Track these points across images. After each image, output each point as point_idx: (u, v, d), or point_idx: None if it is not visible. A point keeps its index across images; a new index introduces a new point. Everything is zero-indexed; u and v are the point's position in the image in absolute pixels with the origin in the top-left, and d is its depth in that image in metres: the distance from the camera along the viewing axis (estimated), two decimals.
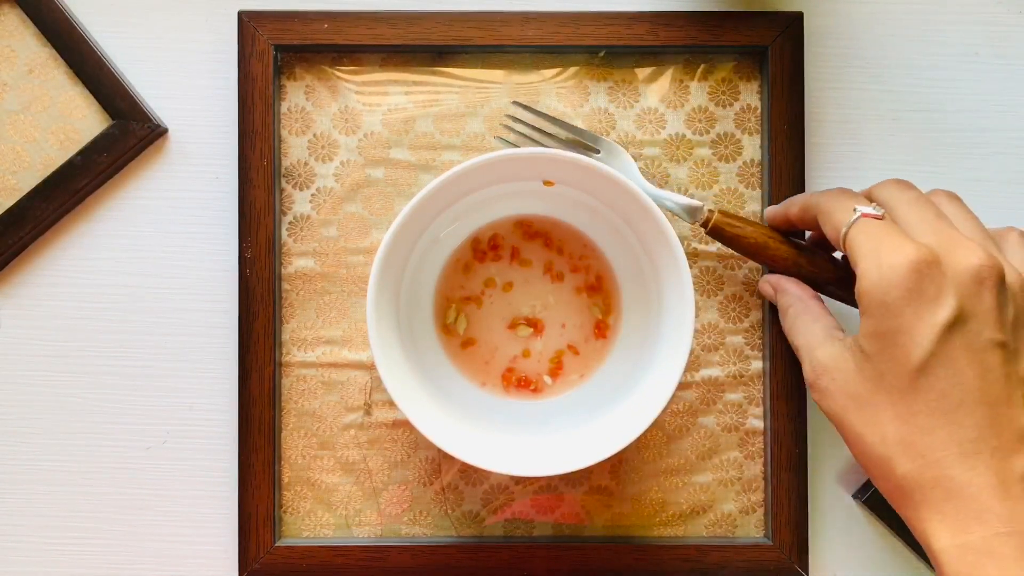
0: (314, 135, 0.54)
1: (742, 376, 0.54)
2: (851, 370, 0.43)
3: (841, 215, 0.45)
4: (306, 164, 0.54)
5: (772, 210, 0.51)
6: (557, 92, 0.54)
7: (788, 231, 0.50)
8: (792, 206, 0.49)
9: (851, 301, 0.50)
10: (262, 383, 0.52)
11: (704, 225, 0.51)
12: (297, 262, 0.54)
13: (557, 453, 0.48)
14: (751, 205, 0.54)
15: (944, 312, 0.40)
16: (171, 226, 0.54)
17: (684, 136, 0.54)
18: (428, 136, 0.54)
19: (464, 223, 0.52)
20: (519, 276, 0.53)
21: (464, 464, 0.48)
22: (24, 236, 0.53)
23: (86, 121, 0.54)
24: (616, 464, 0.54)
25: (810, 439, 0.54)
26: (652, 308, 0.50)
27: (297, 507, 0.54)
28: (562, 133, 0.53)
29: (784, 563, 0.53)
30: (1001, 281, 0.41)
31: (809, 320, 0.48)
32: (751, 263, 0.54)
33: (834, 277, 0.50)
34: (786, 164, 0.53)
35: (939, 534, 0.40)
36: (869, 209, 0.44)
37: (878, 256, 0.41)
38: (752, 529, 0.54)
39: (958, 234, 0.42)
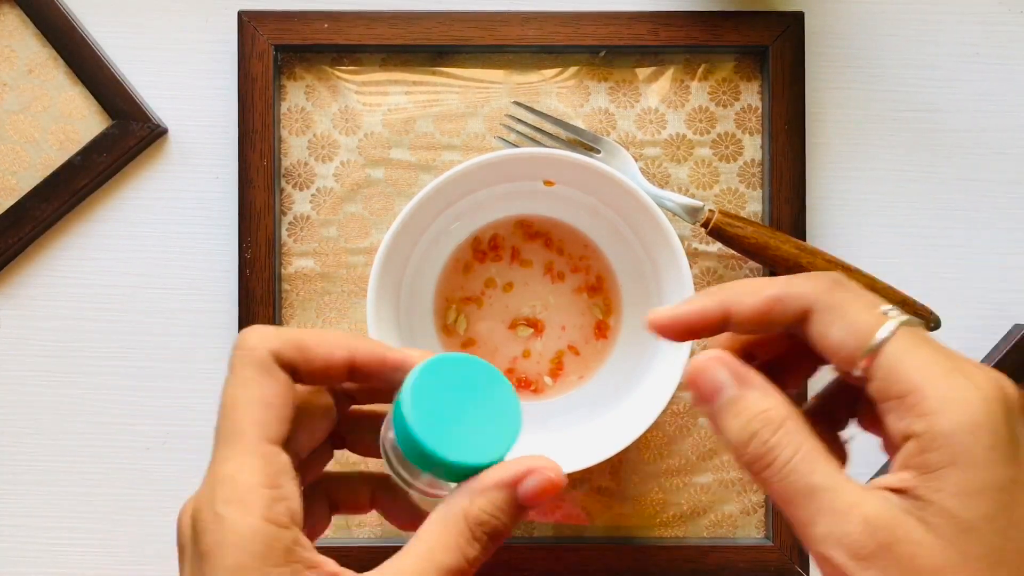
0: (314, 135, 0.54)
1: None
2: (935, 548, 0.28)
3: (864, 316, 0.31)
4: (306, 164, 0.54)
5: (674, 312, 0.34)
6: (557, 92, 0.54)
7: (697, 335, 0.34)
8: (733, 300, 0.32)
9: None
10: None
11: (705, 225, 0.51)
12: (297, 262, 0.54)
13: (557, 454, 0.48)
14: (752, 205, 0.54)
15: None
16: (171, 226, 0.54)
17: (685, 136, 0.54)
18: (428, 136, 0.54)
19: (464, 223, 0.52)
20: (519, 276, 0.53)
21: None
22: (24, 236, 0.53)
23: (86, 121, 0.54)
24: (616, 465, 0.54)
25: None
26: (653, 308, 0.50)
27: None
28: (562, 133, 0.53)
29: (785, 564, 0.52)
30: None
31: (810, 450, 0.30)
32: (752, 263, 0.54)
33: None
34: (787, 164, 0.53)
35: None
36: (897, 312, 0.31)
37: (960, 383, 0.29)
38: (753, 530, 0.54)
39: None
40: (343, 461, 0.54)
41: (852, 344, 0.30)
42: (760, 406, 0.31)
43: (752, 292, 0.32)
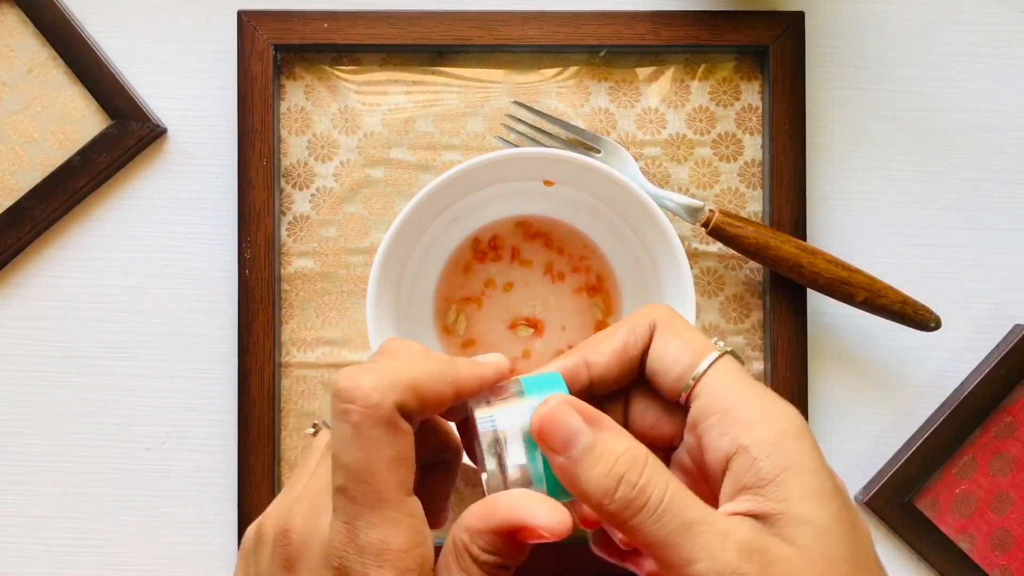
0: (314, 135, 0.54)
1: None
2: (803, 562, 0.28)
3: (698, 338, 0.33)
4: (306, 164, 0.54)
5: (570, 365, 0.34)
6: (557, 92, 0.54)
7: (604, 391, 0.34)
8: (591, 350, 0.34)
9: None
10: (262, 384, 0.52)
11: (705, 225, 0.51)
12: (297, 262, 0.54)
13: None
14: (752, 205, 0.54)
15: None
16: (170, 226, 0.54)
17: (685, 136, 0.54)
18: (428, 136, 0.54)
19: (464, 223, 0.52)
20: (519, 276, 0.53)
21: (464, 465, 0.48)
22: (23, 236, 0.53)
23: (85, 121, 0.54)
24: None
25: None
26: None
27: None
28: (563, 133, 0.53)
29: None
30: None
31: (677, 485, 0.29)
32: (752, 263, 0.54)
33: (836, 280, 0.50)
34: (787, 164, 0.53)
35: None
36: (722, 343, 0.33)
37: (776, 402, 0.31)
38: None
39: None
40: None
41: (686, 360, 0.32)
42: (620, 447, 0.29)
43: (605, 338, 0.34)
